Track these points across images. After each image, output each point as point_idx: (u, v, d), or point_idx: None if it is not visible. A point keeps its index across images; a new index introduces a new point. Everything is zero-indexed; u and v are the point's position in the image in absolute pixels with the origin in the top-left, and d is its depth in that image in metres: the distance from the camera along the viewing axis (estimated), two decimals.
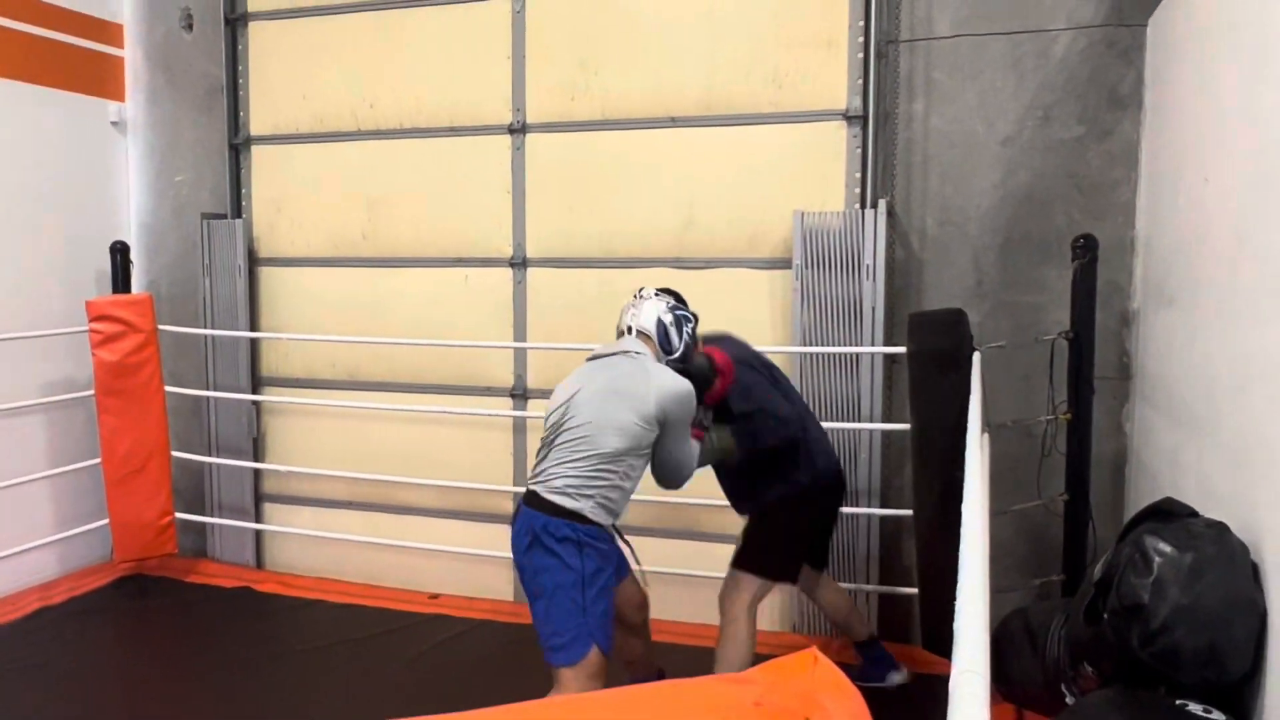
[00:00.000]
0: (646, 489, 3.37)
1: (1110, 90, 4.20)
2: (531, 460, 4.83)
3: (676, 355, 3.26)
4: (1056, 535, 4.05)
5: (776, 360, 4.49)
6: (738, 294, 4.61)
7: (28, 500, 5.08)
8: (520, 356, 5.01)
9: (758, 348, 4.49)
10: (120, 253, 5.37)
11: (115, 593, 5.06)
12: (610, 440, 3.00)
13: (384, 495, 5.26)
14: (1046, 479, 4.08)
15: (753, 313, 4.59)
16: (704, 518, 4.72)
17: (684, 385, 3.08)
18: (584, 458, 3.00)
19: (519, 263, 4.96)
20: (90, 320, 5.00)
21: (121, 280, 5.37)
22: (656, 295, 3.31)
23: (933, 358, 3.65)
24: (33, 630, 4.54)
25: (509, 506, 5.01)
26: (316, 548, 5.38)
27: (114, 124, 5.63)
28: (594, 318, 4.72)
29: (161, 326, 5.25)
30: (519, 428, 5.02)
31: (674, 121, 4.67)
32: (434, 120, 5.06)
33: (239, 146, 5.49)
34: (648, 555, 4.72)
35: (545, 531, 2.97)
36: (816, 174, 4.49)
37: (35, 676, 4.08)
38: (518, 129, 4.90)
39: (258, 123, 5.45)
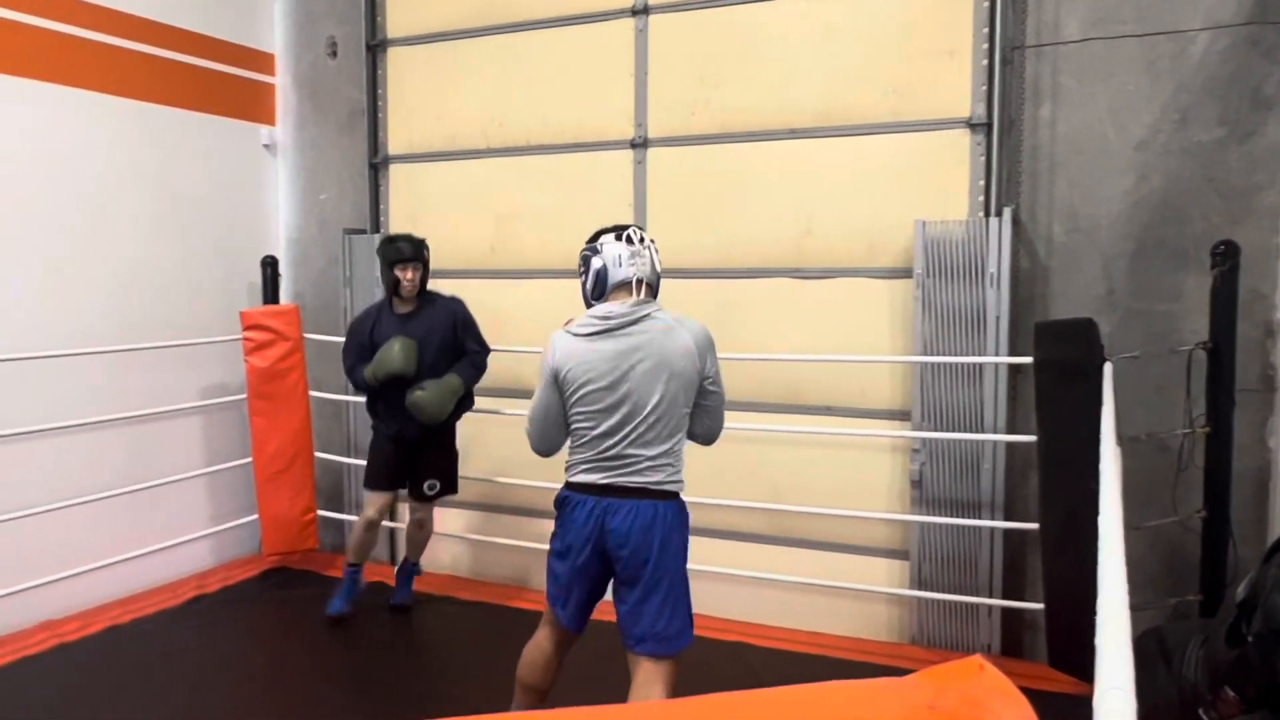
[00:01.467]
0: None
1: (1254, 90, 3.92)
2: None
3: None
4: (1193, 553, 3.79)
5: (896, 370, 4.44)
6: (857, 303, 4.49)
7: (186, 496, 5.33)
8: None
9: (876, 356, 4.43)
10: (270, 266, 5.57)
11: (262, 583, 5.24)
12: (685, 419, 2.93)
13: (507, 497, 5.30)
14: (1182, 494, 3.82)
15: (872, 322, 4.47)
16: (790, 522, 4.61)
17: (705, 328, 2.93)
18: (673, 442, 2.90)
19: None
20: (243, 329, 5.21)
21: (271, 292, 5.57)
22: (648, 241, 2.99)
23: (1061, 368, 3.47)
24: (189, 616, 4.75)
25: None
26: (443, 546, 5.45)
27: (265, 146, 5.86)
28: (711, 326, 4.51)
29: (306, 335, 5.42)
30: None
31: (793, 133, 4.59)
32: (559, 137, 5.09)
33: (378, 165, 5.63)
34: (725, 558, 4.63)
35: (663, 521, 2.87)
36: (938, 182, 4.34)
37: (191, 659, 4.25)
38: (639, 144, 4.89)
39: (395, 143, 5.59)
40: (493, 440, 5.27)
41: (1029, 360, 3.82)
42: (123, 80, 5.03)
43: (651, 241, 3.00)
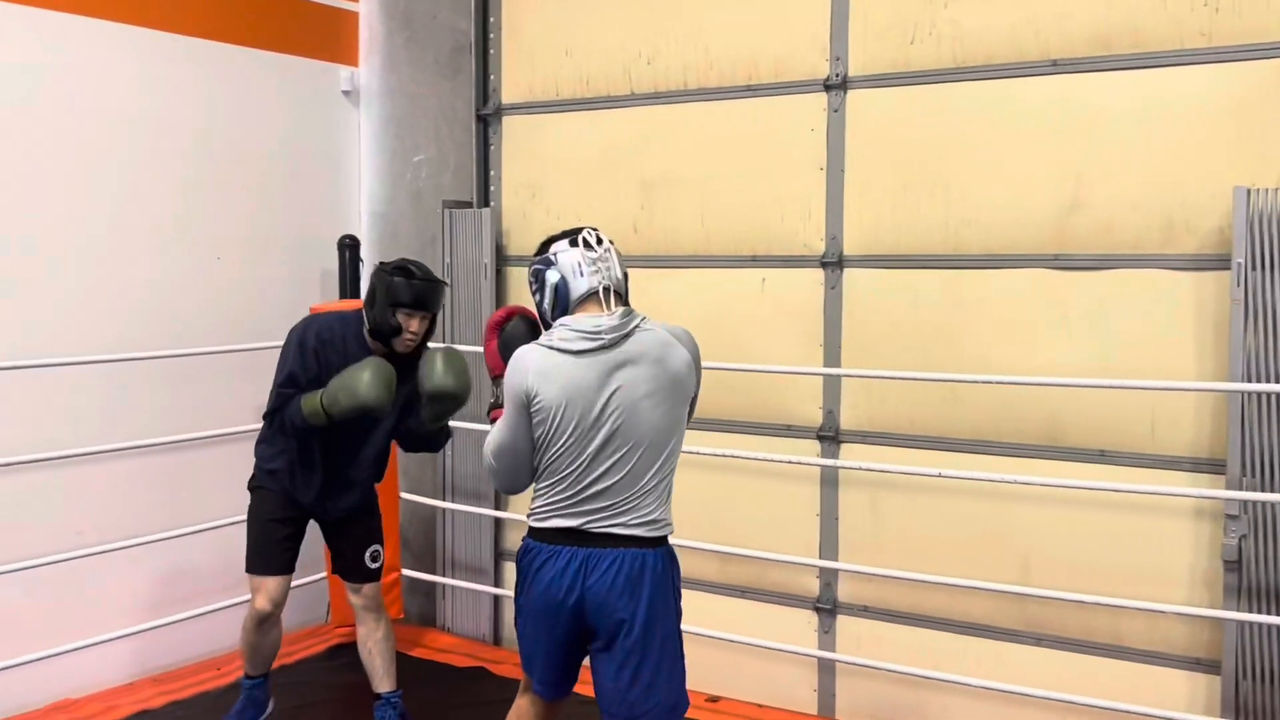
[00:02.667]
0: None
1: None
2: (851, 522, 4.79)
3: None
4: None
5: (1204, 402, 4.21)
6: (1146, 305, 4.27)
7: (236, 547, 5.24)
8: (832, 386, 4.83)
9: (1174, 383, 4.19)
10: (349, 248, 5.58)
11: (328, 664, 5.22)
12: (679, 446, 3.19)
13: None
14: None
15: (1169, 331, 4.23)
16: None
17: (692, 336, 3.22)
18: (666, 475, 3.15)
19: (833, 261, 4.80)
20: None
21: (350, 282, 5.57)
22: (608, 243, 3.23)
23: None
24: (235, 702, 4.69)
25: (813, 585, 4.93)
26: None
27: (345, 93, 5.91)
28: (933, 335, 4.63)
29: None
30: (829, 480, 4.84)
31: (1054, 65, 4.38)
32: (727, 78, 5.02)
33: (488, 118, 5.65)
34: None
35: (652, 573, 3.09)
36: (1271, 134, 4.02)
37: None
38: (836, 84, 4.76)
39: (510, 88, 5.61)
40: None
41: None
42: (161, 8, 5.06)
43: (611, 243, 3.23)
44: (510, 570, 5.54)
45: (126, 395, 4.91)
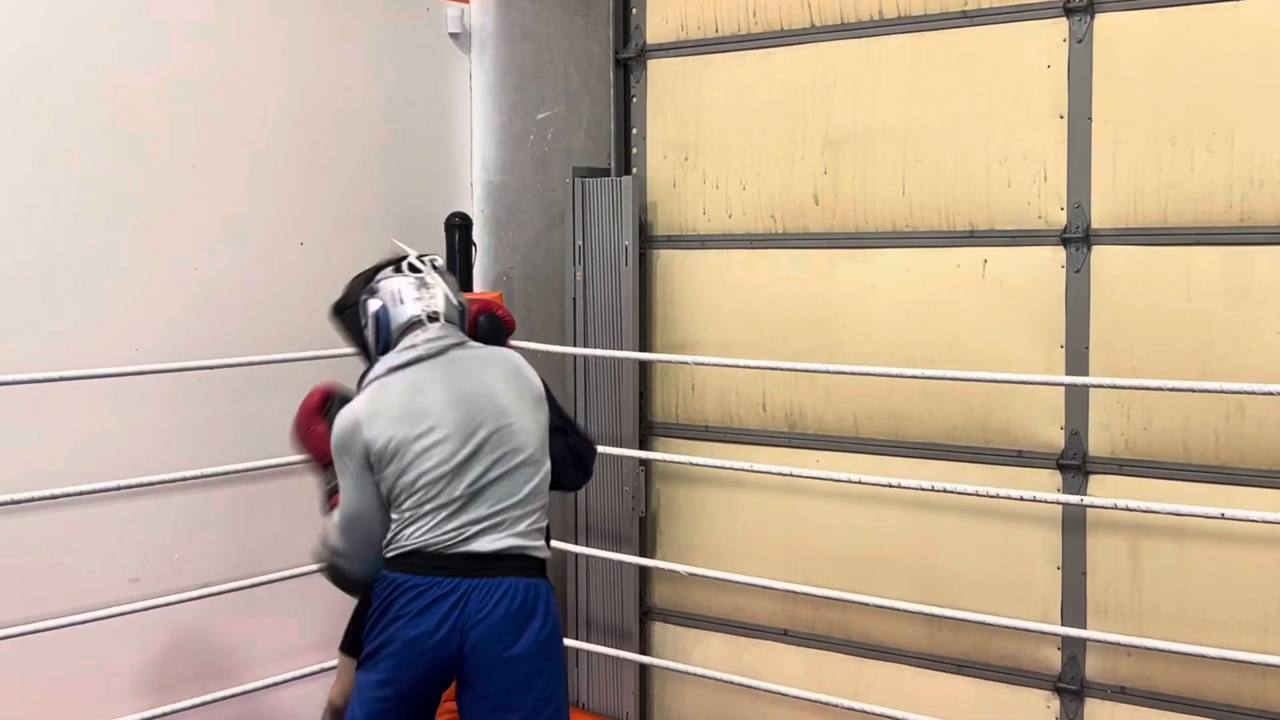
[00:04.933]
0: None
1: None
2: (1104, 577, 4.72)
3: None
4: None
5: None
6: None
7: (324, 596, 5.27)
8: (1077, 400, 4.77)
9: None
10: (458, 229, 5.62)
11: None
12: (546, 456, 3.59)
13: (840, 624, 5.28)
14: None
15: None
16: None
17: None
18: (544, 483, 3.55)
19: (1078, 236, 4.74)
20: None
21: (460, 271, 5.60)
22: (439, 264, 3.79)
23: None
24: None
25: (1053, 659, 4.90)
26: (733, 701, 5.41)
27: (453, 35, 5.95)
28: (1212, 333, 4.56)
29: (513, 342, 5.37)
30: (1073, 522, 4.77)
31: None
32: (935, 1, 5.00)
33: (630, 62, 5.73)
34: None
35: (546, 609, 3.47)
36: None
37: None
38: (1080, 6, 4.70)
39: (658, 23, 5.67)
40: (829, 524, 5.22)
41: None
42: None
43: (442, 270, 3.75)
44: (658, 633, 5.67)
45: (190, 413, 4.99)
